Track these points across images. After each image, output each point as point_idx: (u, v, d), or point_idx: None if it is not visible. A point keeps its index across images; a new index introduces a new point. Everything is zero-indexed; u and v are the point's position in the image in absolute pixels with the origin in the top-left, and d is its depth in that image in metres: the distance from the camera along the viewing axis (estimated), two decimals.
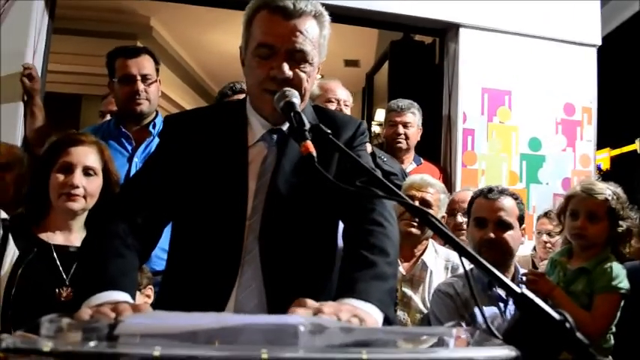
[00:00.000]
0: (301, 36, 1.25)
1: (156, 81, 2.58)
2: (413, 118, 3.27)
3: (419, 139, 3.35)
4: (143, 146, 2.52)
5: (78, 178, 1.68)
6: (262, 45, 1.26)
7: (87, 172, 1.71)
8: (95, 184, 1.73)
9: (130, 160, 2.48)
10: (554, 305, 1.43)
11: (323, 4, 1.31)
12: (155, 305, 0.99)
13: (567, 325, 0.79)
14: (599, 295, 1.95)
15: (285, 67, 1.24)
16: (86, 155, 1.72)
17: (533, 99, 3.79)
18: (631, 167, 5.64)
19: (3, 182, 2.39)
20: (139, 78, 2.51)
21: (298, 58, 1.26)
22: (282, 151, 1.33)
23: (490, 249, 2.02)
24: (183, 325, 0.74)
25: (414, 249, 2.40)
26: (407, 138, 3.25)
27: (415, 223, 2.35)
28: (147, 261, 1.38)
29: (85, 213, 1.75)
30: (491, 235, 2.05)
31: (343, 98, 2.84)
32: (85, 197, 1.71)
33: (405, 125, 3.25)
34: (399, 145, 3.25)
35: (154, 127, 2.57)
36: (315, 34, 1.28)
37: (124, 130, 2.54)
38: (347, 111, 2.81)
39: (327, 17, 1.32)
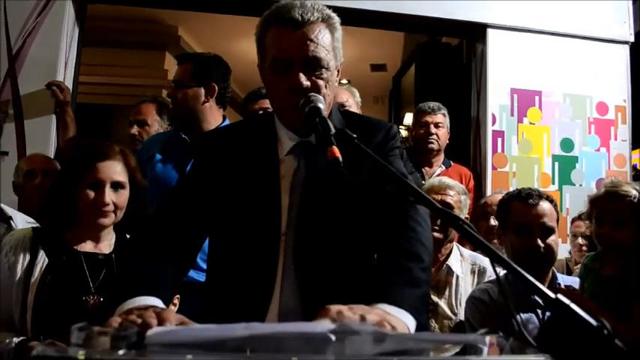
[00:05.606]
0: (312, 44, 1.25)
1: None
2: (444, 120, 3.26)
3: (447, 142, 3.32)
4: None
5: (108, 195, 1.69)
6: (277, 60, 1.26)
7: (115, 187, 1.72)
8: (124, 197, 1.74)
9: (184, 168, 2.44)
10: None
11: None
12: (196, 321, 1.01)
13: (605, 331, 0.77)
14: (637, 302, 1.83)
15: (302, 77, 1.24)
16: (114, 170, 1.72)
17: (565, 99, 3.71)
18: None
19: (40, 190, 2.45)
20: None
21: (313, 65, 1.25)
22: (312, 163, 1.32)
23: (539, 257, 1.94)
24: (212, 334, 0.73)
25: (438, 253, 2.31)
26: (438, 139, 3.23)
27: (437, 227, 2.26)
28: (185, 276, 1.38)
29: (112, 222, 1.75)
30: (539, 242, 1.95)
31: (340, 101, 2.59)
32: (114, 212, 1.72)
33: (437, 125, 3.23)
34: (431, 145, 3.22)
35: None
36: (327, 39, 1.28)
37: (183, 136, 2.50)
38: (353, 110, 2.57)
39: (336, 19, 1.31)
